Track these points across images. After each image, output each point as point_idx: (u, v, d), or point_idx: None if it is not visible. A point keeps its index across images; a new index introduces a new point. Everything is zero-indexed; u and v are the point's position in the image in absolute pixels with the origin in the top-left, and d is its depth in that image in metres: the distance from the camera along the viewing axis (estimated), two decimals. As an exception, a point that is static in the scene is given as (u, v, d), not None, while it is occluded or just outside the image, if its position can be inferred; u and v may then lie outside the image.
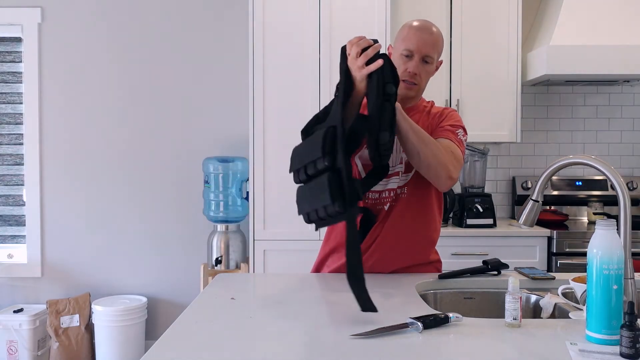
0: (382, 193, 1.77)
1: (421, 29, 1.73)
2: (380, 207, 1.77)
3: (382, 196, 1.77)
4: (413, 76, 1.72)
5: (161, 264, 3.60)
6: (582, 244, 3.03)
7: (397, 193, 1.76)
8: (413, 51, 1.71)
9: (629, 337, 1.04)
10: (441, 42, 1.77)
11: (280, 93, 3.05)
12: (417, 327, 1.19)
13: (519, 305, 1.23)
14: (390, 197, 1.76)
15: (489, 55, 3.29)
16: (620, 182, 1.32)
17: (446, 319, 1.23)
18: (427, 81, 1.79)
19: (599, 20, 3.17)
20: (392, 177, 1.76)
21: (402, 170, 1.76)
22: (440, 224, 1.91)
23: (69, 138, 3.58)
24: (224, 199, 3.29)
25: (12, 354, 3.31)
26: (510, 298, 1.23)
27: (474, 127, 3.30)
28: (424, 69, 1.73)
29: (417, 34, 1.72)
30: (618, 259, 1.12)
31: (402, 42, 1.75)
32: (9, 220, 3.65)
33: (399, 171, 1.76)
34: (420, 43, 1.71)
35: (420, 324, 1.19)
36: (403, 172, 1.76)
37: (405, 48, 1.72)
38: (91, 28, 3.56)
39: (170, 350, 1.11)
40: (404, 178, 1.76)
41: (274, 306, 1.42)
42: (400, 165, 1.76)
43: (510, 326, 1.23)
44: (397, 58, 1.74)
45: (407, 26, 1.77)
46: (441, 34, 1.78)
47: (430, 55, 1.72)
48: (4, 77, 3.61)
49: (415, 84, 1.73)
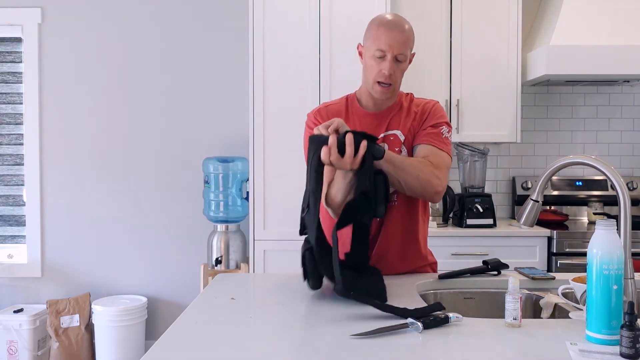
0: None
1: (392, 27, 1.65)
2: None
3: None
4: (388, 77, 1.66)
5: (161, 264, 3.60)
6: (582, 244, 3.03)
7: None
8: (385, 51, 1.63)
9: (629, 337, 1.04)
10: (412, 37, 1.70)
11: (280, 93, 3.05)
12: (417, 327, 1.19)
13: (519, 305, 1.23)
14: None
15: (489, 55, 3.29)
16: (620, 182, 1.32)
17: (446, 319, 1.23)
18: (402, 78, 1.74)
19: (599, 20, 3.17)
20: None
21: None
22: (427, 223, 1.87)
23: (69, 138, 3.58)
24: (224, 199, 3.29)
25: (12, 354, 3.31)
26: (510, 298, 1.23)
27: (474, 127, 3.30)
28: (399, 67, 1.67)
29: (388, 33, 1.63)
30: (618, 259, 1.12)
31: (373, 41, 1.67)
32: (9, 220, 3.65)
33: None
34: (393, 42, 1.63)
35: (420, 324, 1.19)
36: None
37: (378, 48, 1.64)
38: (91, 28, 3.56)
39: (170, 350, 1.11)
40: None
41: (274, 306, 1.42)
42: None
43: (510, 326, 1.23)
44: (369, 58, 1.68)
45: (376, 23, 1.68)
46: (411, 27, 1.70)
47: (403, 54, 1.65)
48: (4, 77, 3.61)
49: (391, 84, 1.69)
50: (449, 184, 3.49)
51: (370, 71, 1.69)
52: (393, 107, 1.78)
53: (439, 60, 3.29)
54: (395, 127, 1.75)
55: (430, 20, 3.28)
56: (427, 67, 3.28)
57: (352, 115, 1.78)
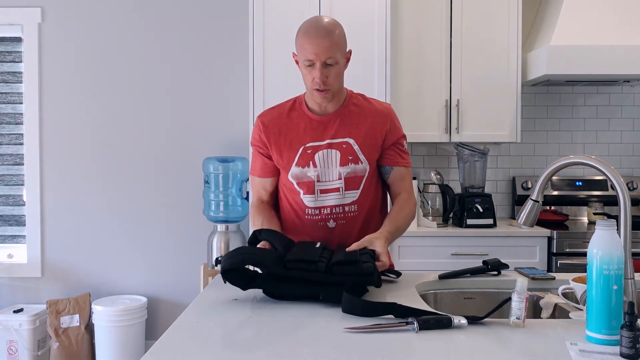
0: (322, 210, 1.75)
1: (314, 35, 1.64)
2: (322, 224, 1.75)
3: (323, 213, 1.75)
4: (322, 84, 1.67)
5: (161, 264, 3.60)
6: (582, 244, 3.03)
7: (344, 210, 1.75)
8: (313, 60, 1.65)
9: (629, 337, 1.04)
10: (339, 39, 1.67)
11: (280, 93, 3.02)
12: (414, 327, 1.19)
13: (524, 305, 1.23)
14: (332, 214, 1.74)
15: (489, 55, 3.29)
16: (620, 182, 1.32)
17: (449, 323, 1.21)
18: (341, 79, 1.74)
19: (599, 20, 3.17)
20: (331, 193, 1.74)
21: (343, 187, 1.74)
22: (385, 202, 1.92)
23: (69, 138, 3.58)
24: (224, 199, 3.29)
25: (12, 354, 3.31)
26: (516, 297, 1.23)
27: (474, 127, 3.30)
28: (331, 71, 1.67)
29: (312, 42, 1.63)
30: (618, 259, 1.12)
31: (300, 51, 1.68)
32: (9, 220, 3.65)
33: (339, 187, 1.74)
34: (318, 50, 1.63)
35: (416, 324, 1.19)
36: (345, 189, 1.74)
37: (305, 59, 1.66)
38: (91, 28, 3.56)
39: (170, 350, 1.11)
40: (351, 195, 1.75)
41: (274, 306, 1.42)
42: (339, 181, 1.74)
43: (514, 325, 1.23)
44: (302, 67, 1.70)
45: (301, 32, 1.68)
46: (337, 27, 1.68)
47: (331, 57, 1.65)
48: (4, 77, 3.61)
49: (328, 88, 1.69)
50: (448, 183, 3.49)
51: (306, 80, 1.72)
52: (340, 111, 1.78)
53: (439, 60, 3.29)
54: (347, 135, 1.75)
55: (431, 20, 3.28)
56: (427, 67, 3.29)
57: (298, 119, 1.78)
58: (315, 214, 1.75)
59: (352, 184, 1.74)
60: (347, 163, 1.74)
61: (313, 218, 1.76)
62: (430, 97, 3.30)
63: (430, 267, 2.94)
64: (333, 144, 1.74)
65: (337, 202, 1.74)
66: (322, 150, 1.74)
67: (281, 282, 1.44)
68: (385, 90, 3.06)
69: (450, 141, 3.31)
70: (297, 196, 1.77)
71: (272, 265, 1.44)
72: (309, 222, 1.76)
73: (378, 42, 3.06)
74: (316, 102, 1.75)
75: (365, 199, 1.77)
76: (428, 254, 3.06)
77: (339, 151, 1.74)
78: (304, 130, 1.76)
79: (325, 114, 1.77)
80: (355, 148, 1.74)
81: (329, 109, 1.77)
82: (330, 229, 1.75)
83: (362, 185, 1.75)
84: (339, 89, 1.75)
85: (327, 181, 1.74)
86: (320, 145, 1.75)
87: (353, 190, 1.75)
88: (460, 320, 1.22)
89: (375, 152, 1.77)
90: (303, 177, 1.74)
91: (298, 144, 1.75)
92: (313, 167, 1.74)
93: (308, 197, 1.75)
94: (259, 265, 1.46)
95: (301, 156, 1.75)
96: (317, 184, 1.74)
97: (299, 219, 1.78)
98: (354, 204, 1.75)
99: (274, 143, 1.78)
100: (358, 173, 1.75)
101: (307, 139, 1.75)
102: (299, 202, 1.77)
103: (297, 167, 1.75)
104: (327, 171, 1.74)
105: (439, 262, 3.02)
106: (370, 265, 1.43)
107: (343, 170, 1.73)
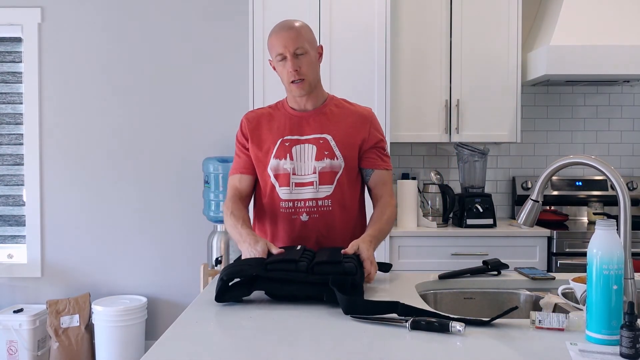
0: (296, 203, 1.77)
1: (279, 30, 1.76)
2: (296, 217, 1.77)
3: (297, 206, 1.77)
4: (297, 73, 1.74)
5: (161, 264, 3.60)
6: (582, 244, 3.03)
7: (317, 205, 1.76)
8: (283, 53, 1.73)
9: (629, 337, 1.04)
10: (305, 31, 1.77)
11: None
12: (407, 326, 1.19)
13: (547, 314, 1.22)
14: (306, 207, 1.76)
15: (488, 55, 3.29)
16: (620, 182, 1.32)
17: (446, 327, 1.18)
18: (315, 70, 1.79)
19: (599, 20, 3.17)
20: (306, 187, 1.77)
21: (317, 181, 1.77)
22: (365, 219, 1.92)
23: (69, 138, 3.58)
24: (224, 199, 3.28)
25: (12, 354, 3.31)
26: (544, 310, 1.20)
27: (474, 127, 3.30)
28: (303, 61, 1.74)
29: (278, 36, 1.75)
30: (618, 259, 1.12)
31: (271, 51, 1.78)
32: (9, 220, 3.65)
33: (313, 181, 1.77)
34: (285, 42, 1.73)
35: (409, 323, 1.19)
36: (319, 183, 1.77)
37: (277, 54, 1.75)
38: (91, 28, 3.56)
39: (170, 350, 1.11)
40: (325, 190, 1.77)
41: (274, 306, 1.42)
42: (314, 175, 1.77)
43: (531, 323, 1.22)
44: (277, 66, 1.78)
45: (269, 36, 1.79)
46: (303, 24, 1.79)
47: (300, 47, 1.73)
48: (4, 77, 3.61)
49: (303, 78, 1.75)
50: (448, 183, 3.49)
51: (283, 77, 1.78)
52: (320, 109, 1.83)
53: (439, 60, 3.29)
54: (325, 132, 1.80)
55: (430, 20, 3.28)
56: (427, 67, 3.28)
57: (280, 117, 1.85)
58: (289, 206, 1.78)
59: (326, 179, 1.77)
60: (323, 158, 1.78)
61: (287, 211, 1.78)
62: (430, 97, 3.30)
63: (430, 267, 2.94)
64: (310, 139, 1.79)
65: (311, 196, 1.77)
66: (300, 144, 1.79)
67: (283, 283, 1.44)
68: (385, 90, 3.06)
69: (450, 141, 3.31)
70: (273, 191, 1.80)
71: (252, 268, 1.44)
72: (283, 216, 1.79)
73: (378, 42, 3.06)
74: (295, 97, 1.81)
75: (341, 196, 1.79)
76: (428, 254, 3.06)
77: (315, 146, 1.78)
78: (284, 124, 1.82)
79: (305, 111, 1.83)
80: (332, 144, 1.79)
81: (309, 106, 1.83)
82: (303, 222, 1.77)
83: (336, 180, 1.78)
84: (314, 80, 1.80)
85: (302, 175, 1.77)
86: (298, 140, 1.80)
87: (327, 185, 1.78)
88: (457, 328, 1.18)
89: (353, 151, 1.81)
90: (279, 169, 1.78)
91: (277, 136, 1.81)
92: (290, 160, 1.78)
93: (283, 189, 1.78)
94: (241, 274, 1.45)
95: (279, 148, 1.79)
96: (292, 177, 1.78)
97: (273, 213, 1.81)
98: (327, 198, 1.77)
99: (255, 136, 1.83)
100: (333, 168, 1.78)
101: (286, 132, 1.81)
102: (275, 196, 1.80)
103: (275, 159, 1.79)
104: (303, 165, 1.77)
105: (439, 262, 3.02)
106: (352, 265, 1.45)
107: (318, 164, 1.77)
